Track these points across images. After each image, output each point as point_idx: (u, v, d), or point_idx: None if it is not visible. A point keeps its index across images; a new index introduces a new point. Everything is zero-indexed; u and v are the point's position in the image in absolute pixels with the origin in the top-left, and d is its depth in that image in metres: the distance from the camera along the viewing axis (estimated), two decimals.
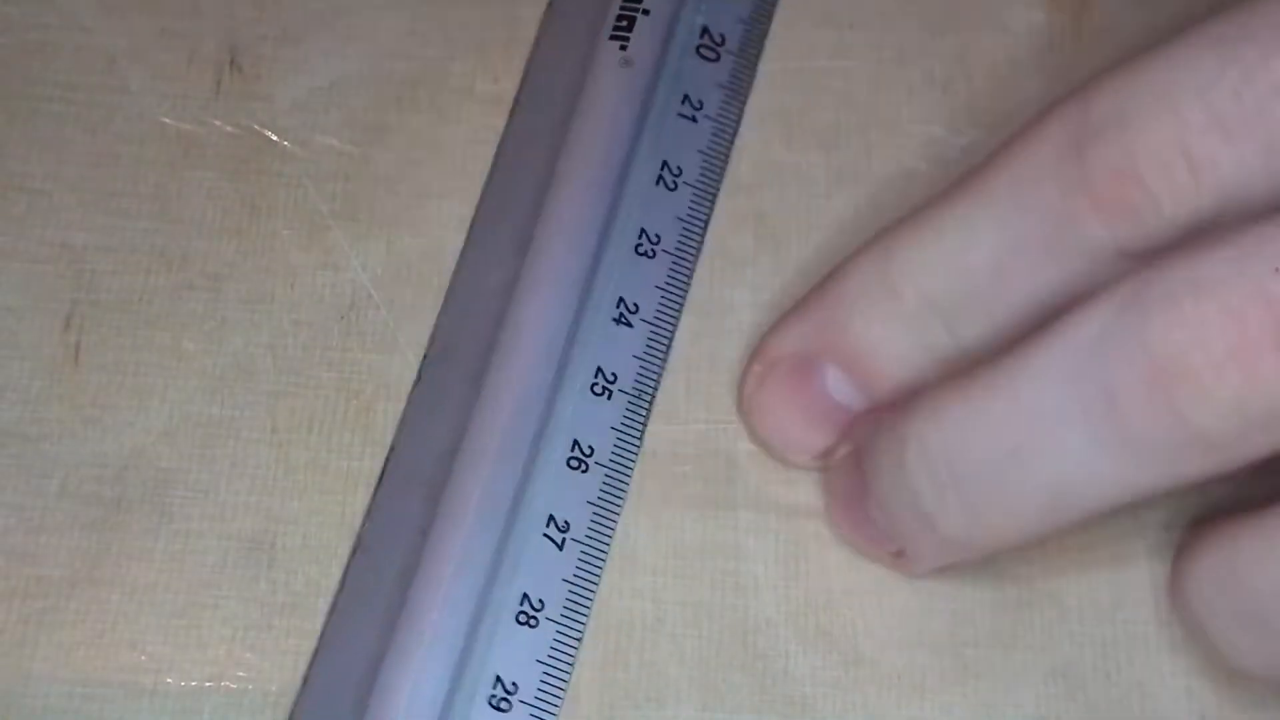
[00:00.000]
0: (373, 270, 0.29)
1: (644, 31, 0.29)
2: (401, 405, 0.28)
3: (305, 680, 0.26)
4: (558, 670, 0.26)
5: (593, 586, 0.26)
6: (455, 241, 0.29)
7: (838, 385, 0.26)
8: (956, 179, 0.25)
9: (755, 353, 0.27)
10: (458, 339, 0.28)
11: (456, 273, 0.28)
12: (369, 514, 0.27)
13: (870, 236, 0.26)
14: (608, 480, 0.27)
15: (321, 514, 0.27)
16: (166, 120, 0.30)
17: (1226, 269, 0.22)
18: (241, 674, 0.26)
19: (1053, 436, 0.23)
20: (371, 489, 0.27)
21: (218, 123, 0.30)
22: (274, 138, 0.30)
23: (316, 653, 0.26)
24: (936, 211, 0.25)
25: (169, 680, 0.26)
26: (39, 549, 0.26)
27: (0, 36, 0.30)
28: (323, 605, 0.26)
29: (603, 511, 0.27)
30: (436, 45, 0.30)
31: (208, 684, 0.26)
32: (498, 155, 0.29)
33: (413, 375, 0.28)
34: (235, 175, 0.29)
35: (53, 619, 0.26)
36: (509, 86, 0.30)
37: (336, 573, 0.26)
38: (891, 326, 0.25)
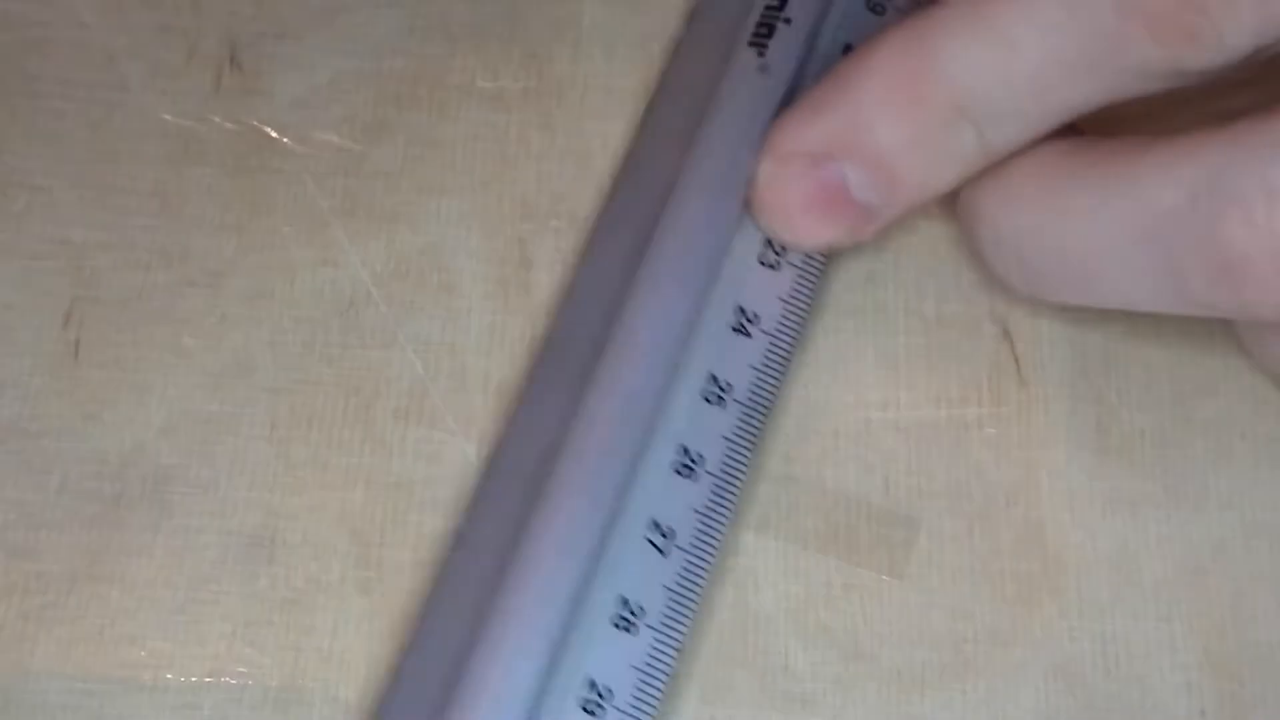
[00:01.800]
0: (372, 267, 0.29)
1: (784, 40, 0.28)
2: (402, 403, 0.28)
3: (396, 672, 0.25)
4: (654, 678, 0.25)
5: (695, 596, 0.26)
6: (455, 238, 0.29)
7: (859, 186, 0.26)
8: None
9: (768, 146, 0.27)
10: (572, 334, 0.27)
11: (576, 274, 0.28)
12: (470, 508, 0.26)
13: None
14: (717, 489, 0.26)
15: (321, 510, 0.27)
16: (166, 117, 0.30)
17: None
18: (241, 669, 0.26)
19: (1123, 266, 0.24)
20: (371, 487, 0.27)
21: (217, 119, 0.30)
22: (274, 134, 0.30)
23: (410, 645, 0.25)
24: (976, 12, 0.24)
25: (169, 676, 0.26)
26: (39, 545, 0.26)
27: (0, 33, 0.30)
28: (322, 601, 0.26)
29: (710, 521, 0.26)
30: (436, 42, 0.30)
31: (208, 679, 0.26)
32: (628, 154, 0.29)
33: (414, 371, 0.28)
34: (235, 172, 0.29)
35: (53, 615, 0.26)
36: (509, 83, 0.30)
37: (337, 569, 0.26)
38: (920, 132, 0.25)
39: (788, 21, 0.29)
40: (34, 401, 0.27)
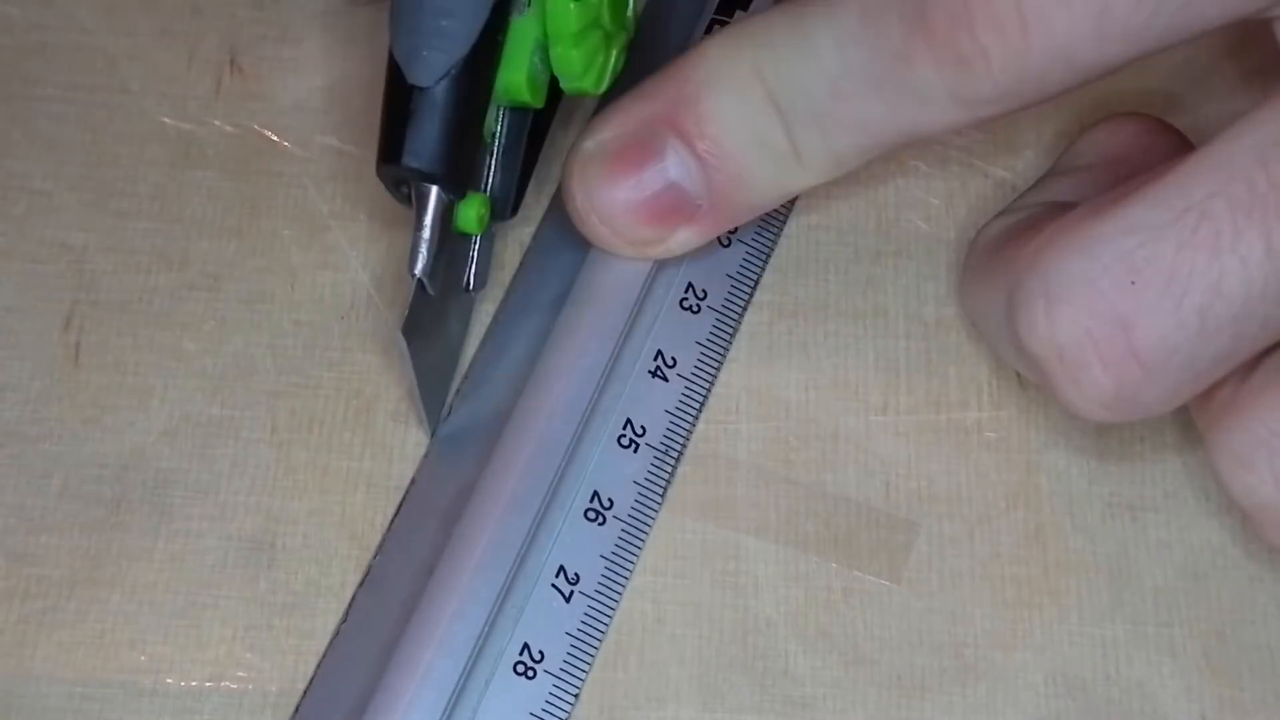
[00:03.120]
0: (373, 270, 0.29)
1: None
2: (402, 406, 0.28)
3: (297, 710, 0.25)
4: None
5: (596, 642, 0.26)
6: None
7: (678, 163, 0.26)
8: None
9: (587, 129, 0.26)
10: (491, 377, 0.28)
11: (499, 309, 0.28)
12: (380, 547, 0.26)
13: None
14: (624, 535, 0.27)
15: (321, 514, 0.27)
16: (167, 120, 0.30)
17: (1080, 282, 0.22)
18: (241, 674, 0.26)
19: (1001, 342, 0.25)
20: (372, 490, 0.27)
21: (218, 123, 0.30)
22: (274, 138, 0.30)
23: (311, 682, 0.26)
24: (788, 18, 0.25)
25: (169, 680, 0.26)
26: (39, 549, 0.26)
27: (1, 37, 0.30)
28: (322, 605, 0.26)
29: (615, 567, 0.26)
30: None
31: (208, 684, 0.26)
32: (554, 198, 0.29)
33: (414, 377, 0.28)
34: (235, 175, 0.29)
35: (53, 619, 0.26)
36: None
37: (337, 573, 0.26)
38: (740, 110, 0.25)
39: None
40: (34, 405, 0.27)
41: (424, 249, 0.25)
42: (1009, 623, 0.26)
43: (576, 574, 0.26)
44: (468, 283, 0.27)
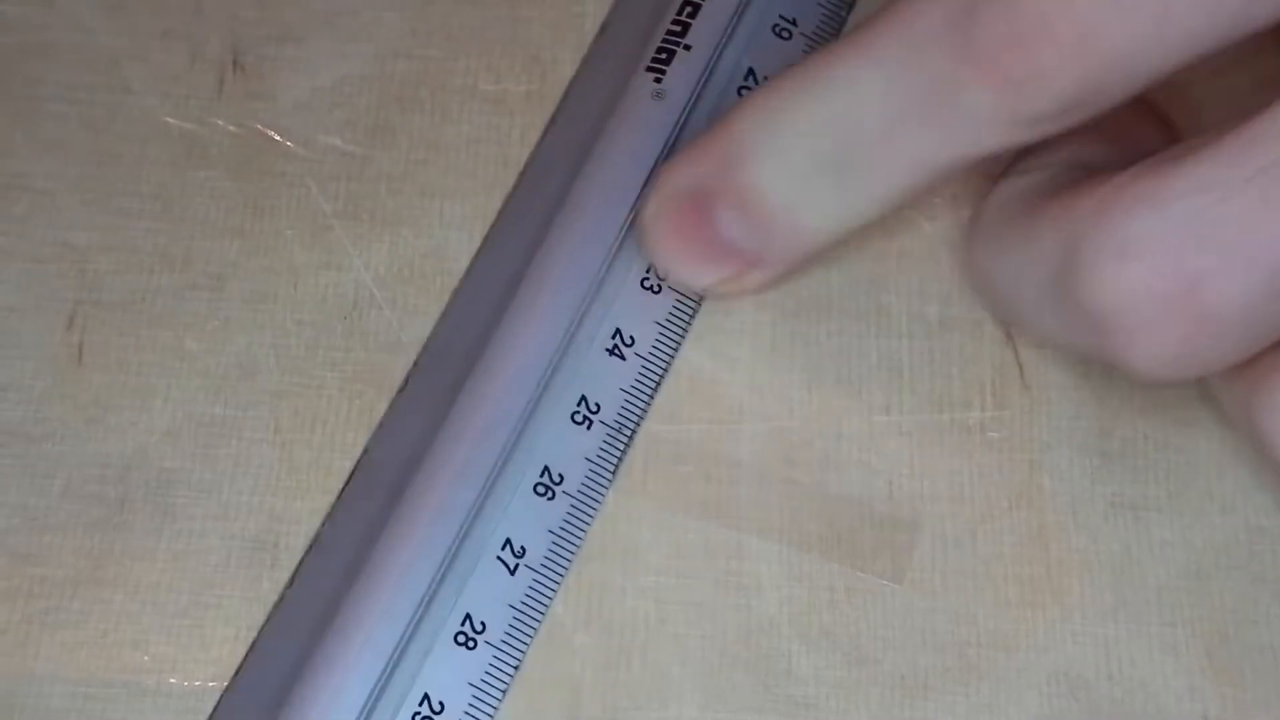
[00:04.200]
0: (375, 270, 0.29)
1: (682, 66, 0.29)
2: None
3: (237, 672, 0.25)
4: (488, 696, 0.25)
5: (539, 615, 0.26)
6: (458, 241, 0.29)
7: (729, 225, 0.26)
8: (847, 34, 0.25)
9: (656, 183, 0.27)
10: (450, 349, 0.28)
11: (462, 281, 0.28)
12: (330, 513, 0.27)
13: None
14: (572, 511, 0.27)
15: (324, 514, 0.27)
16: (169, 120, 0.30)
17: (1150, 239, 0.22)
18: None
19: (1036, 310, 0.24)
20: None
21: (220, 123, 0.30)
22: (277, 137, 0.30)
23: (252, 646, 0.26)
24: (826, 66, 0.25)
25: (172, 680, 0.26)
26: (42, 549, 0.26)
27: (2, 37, 0.30)
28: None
29: (562, 542, 0.26)
30: (439, 45, 0.30)
31: (211, 684, 0.26)
32: (523, 170, 0.29)
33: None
34: (238, 175, 0.29)
35: (56, 619, 0.26)
36: (511, 86, 0.30)
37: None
38: (780, 176, 0.25)
39: (688, 48, 0.29)
40: (37, 405, 0.27)
41: None
42: (1012, 622, 0.26)
43: (523, 547, 0.26)
44: None
